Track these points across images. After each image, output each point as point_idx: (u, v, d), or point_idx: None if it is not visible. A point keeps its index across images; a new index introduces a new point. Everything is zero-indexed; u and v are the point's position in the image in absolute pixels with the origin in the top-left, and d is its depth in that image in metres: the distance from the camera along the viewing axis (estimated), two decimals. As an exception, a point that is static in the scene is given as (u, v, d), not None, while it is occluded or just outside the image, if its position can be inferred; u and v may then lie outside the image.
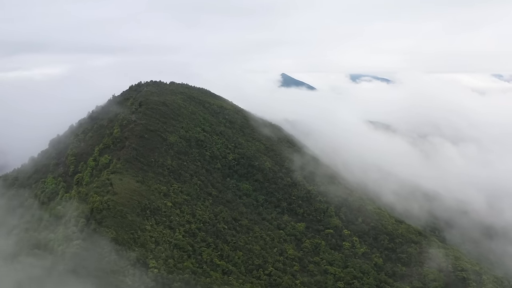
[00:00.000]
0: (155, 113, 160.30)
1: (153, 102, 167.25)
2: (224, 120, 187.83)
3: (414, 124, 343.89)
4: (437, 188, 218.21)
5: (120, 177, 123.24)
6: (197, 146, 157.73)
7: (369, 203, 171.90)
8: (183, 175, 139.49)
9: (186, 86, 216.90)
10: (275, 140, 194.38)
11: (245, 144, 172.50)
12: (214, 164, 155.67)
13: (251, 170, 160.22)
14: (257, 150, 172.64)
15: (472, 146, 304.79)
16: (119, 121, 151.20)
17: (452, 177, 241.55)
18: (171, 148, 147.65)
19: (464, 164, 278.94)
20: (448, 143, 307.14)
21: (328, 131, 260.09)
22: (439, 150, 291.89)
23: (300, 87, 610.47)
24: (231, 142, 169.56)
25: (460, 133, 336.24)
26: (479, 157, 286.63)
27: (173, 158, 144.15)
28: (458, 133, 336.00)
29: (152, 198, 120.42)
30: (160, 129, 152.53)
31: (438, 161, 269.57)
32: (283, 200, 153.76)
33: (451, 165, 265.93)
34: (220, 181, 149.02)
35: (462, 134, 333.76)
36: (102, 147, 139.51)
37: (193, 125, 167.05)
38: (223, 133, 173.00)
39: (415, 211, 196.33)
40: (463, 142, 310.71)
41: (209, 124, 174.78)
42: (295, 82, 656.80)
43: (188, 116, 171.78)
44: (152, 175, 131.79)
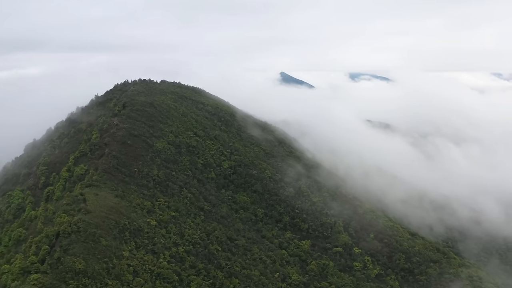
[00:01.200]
0: (141, 116, 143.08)
1: (139, 103, 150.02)
2: (219, 122, 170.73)
3: (414, 124, 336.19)
4: (445, 193, 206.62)
5: (96, 191, 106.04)
6: (188, 153, 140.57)
7: (380, 215, 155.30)
8: (171, 187, 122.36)
9: (178, 85, 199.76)
10: (275, 145, 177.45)
11: (243, 150, 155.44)
12: (207, 173, 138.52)
13: (249, 179, 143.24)
14: (256, 157, 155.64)
15: (475, 147, 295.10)
16: (99, 125, 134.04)
17: (460, 181, 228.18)
18: (158, 156, 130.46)
19: (470, 167, 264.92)
20: (450, 144, 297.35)
21: (328, 132, 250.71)
22: (442, 152, 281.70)
23: (299, 85, 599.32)
24: (226, 147, 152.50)
25: (461, 133, 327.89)
26: (484, 159, 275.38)
27: (159, 167, 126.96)
28: (459, 132, 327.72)
29: (133, 216, 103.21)
30: (146, 133, 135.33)
31: (443, 164, 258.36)
32: (285, 213, 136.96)
33: (457, 168, 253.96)
34: (213, 193, 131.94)
35: (463, 134, 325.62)
36: (78, 155, 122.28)
37: (184, 129, 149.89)
38: (218, 137, 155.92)
39: (425, 220, 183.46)
40: (465, 142, 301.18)
41: (202, 127, 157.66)
42: (294, 80, 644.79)
43: (178, 118, 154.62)
44: (134, 188, 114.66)
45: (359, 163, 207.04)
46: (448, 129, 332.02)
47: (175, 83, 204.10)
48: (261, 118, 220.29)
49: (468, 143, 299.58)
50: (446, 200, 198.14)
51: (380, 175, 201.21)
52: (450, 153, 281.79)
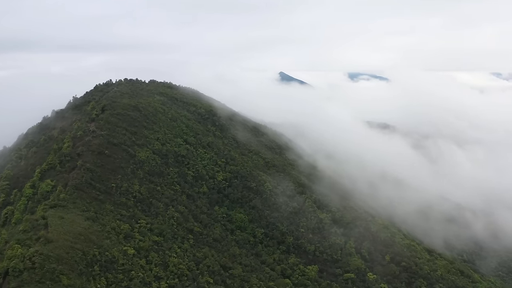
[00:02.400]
0: (122, 121, 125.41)
1: (121, 106, 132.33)
2: (213, 127, 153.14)
3: (414, 124, 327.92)
4: (456, 200, 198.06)
5: (62, 214, 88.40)
6: (176, 164, 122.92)
7: (395, 232, 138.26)
8: (154, 206, 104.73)
9: (169, 85, 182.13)
10: (277, 152, 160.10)
11: (240, 159, 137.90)
12: (199, 187, 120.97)
13: (247, 193, 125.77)
14: (254, 167, 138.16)
15: (479, 149, 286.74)
16: (72, 132, 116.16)
17: (469, 187, 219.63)
18: (141, 168, 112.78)
19: (477, 171, 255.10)
20: (453, 146, 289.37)
21: (327, 134, 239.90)
22: (446, 155, 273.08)
23: (298, 85, 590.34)
24: (221, 156, 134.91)
25: (463, 134, 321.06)
26: (490, 162, 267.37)
27: (142, 181, 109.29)
28: (460, 133, 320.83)
29: (106, 244, 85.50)
30: (127, 142, 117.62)
31: (448, 168, 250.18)
32: (288, 233, 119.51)
33: (464, 173, 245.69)
34: (205, 210, 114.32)
35: (465, 135, 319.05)
36: (45, 168, 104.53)
37: (173, 136, 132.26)
38: (211, 145, 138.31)
39: (438, 233, 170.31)
40: (468, 144, 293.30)
41: (193, 133, 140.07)
42: (293, 80, 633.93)
43: (166, 123, 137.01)
44: (110, 207, 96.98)
45: (363, 169, 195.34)
46: (449, 130, 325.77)
47: (165, 83, 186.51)
48: (260, 122, 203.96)
49: (471, 145, 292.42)
50: (457, 209, 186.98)
51: (386, 182, 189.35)
52: (454, 156, 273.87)
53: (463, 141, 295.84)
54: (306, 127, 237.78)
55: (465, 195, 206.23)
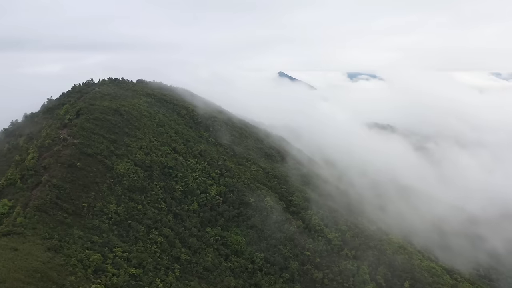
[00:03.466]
0: (100, 127, 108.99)
1: (100, 109, 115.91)
2: (207, 133, 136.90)
3: (414, 125, 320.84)
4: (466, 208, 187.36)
5: (17, 244, 72.42)
6: (162, 177, 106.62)
7: (412, 252, 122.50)
8: (134, 229, 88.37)
9: (159, 85, 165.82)
10: (278, 160, 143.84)
11: (236, 169, 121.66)
12: (188, 204, 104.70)
13: (245, 210, 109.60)
14: (253, 178, 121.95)
15: (483, 152, 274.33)
16: (39, 140, 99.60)
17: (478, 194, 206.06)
18: (119, 183, 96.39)
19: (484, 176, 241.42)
20: (455, 148, 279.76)
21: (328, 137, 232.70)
22: (450, 158, 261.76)
23: (297, 85, 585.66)
24: (215, 167, 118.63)
25: (464, 135, 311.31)
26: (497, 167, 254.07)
27: (120, 199, 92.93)
28: (461, 135, 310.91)
29: (69, 283, 69.02)
30: (104, 151, 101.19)
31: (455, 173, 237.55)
32: (292, 258, 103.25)
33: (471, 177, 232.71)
34: (195, 232, 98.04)
35: (466, 136, 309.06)
36: (4, 184, 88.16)
37: (159, 143, 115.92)
38: (204, 153, 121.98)
39: (453, 249, 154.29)
40: (470, 145, 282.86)
41: (184, 140, 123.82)
42: (292, 80, 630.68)
43: (152, 129, 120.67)
44: (79, 233, 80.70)
45: (368, 176, 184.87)
46: (450, 131, 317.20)
47: (155, 83, 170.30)
48: (259, 125, 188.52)
49: (474, 147, 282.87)
50: (470, 220, 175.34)
51: (393, 190, 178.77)
52: (458, 159, 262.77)
53: (464, 143, 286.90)
54: (306, 129, 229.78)
55: (476, 204, 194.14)
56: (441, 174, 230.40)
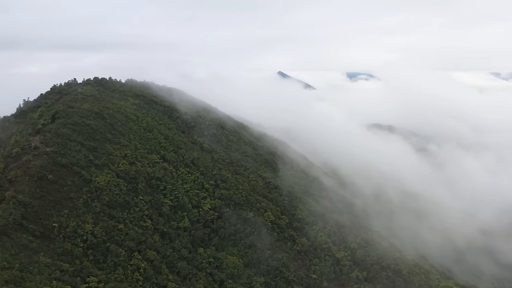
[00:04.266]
0: (78, 133, 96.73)
1: (80, 113, 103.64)
2: (201, 138, 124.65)
3: (414, 125, 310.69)
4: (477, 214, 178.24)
5: (-33, 277, 59.65)
6: (148, 190, 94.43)
7: (429, 271, 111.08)
8: (113, 253, 76.16)
9: (150, 85, 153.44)
10: (279, 168, 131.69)
11: (233, 179, 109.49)
12: (178, 220, 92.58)
13: (242, 227, 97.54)
14: (252, 190, 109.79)
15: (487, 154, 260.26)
16: (7, 149, 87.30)
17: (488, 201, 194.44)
18: (98, 198, 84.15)
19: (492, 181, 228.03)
20: (458, 150, 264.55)
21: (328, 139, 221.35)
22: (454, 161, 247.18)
23: (296, 86, 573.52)
24: (209, 177, 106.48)
25: (465, 136, 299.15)
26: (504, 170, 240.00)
27: (98, 217, 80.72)
28: (462, 135, 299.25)
29: (28, 325, 56.81)
30: (82, 161, 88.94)
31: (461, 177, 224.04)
32: (296, 281, 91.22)
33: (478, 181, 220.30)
34: (186, 255, 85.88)
35: (467, 137, 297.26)
36: (-39, 201, 75.46)
37: (146, 151, 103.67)
38: (197, 162, 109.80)
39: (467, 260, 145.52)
40: (472, 147, 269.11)
41: (174, 147, 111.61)
42: (291, 80, 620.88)
43: (139, 135, 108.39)
44: (46, 260, 68.56)
45: (372, 181, 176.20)
46: (451, 132, 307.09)
47: (146, 82, 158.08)
48: (258, 128, 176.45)
49: (476, 148, 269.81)
50: (483, 231, 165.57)
51: (400, 198, 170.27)
52: (463, 162, 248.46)
53: (466, 144, 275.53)
54: (304, 131, 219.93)
55: (487, 212, 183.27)
56: (446, 178, 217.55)
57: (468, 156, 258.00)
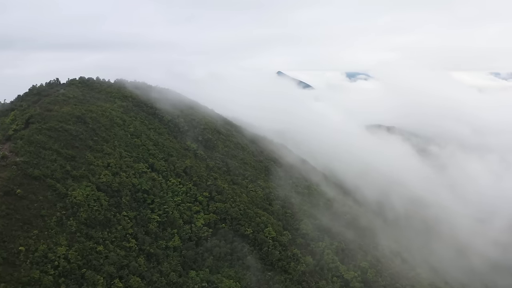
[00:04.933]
0: (55, 140, 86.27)
1: (58, 117, 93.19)
2: (195, 144, 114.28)
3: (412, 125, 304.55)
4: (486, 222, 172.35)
5: None
6: (134, 205, 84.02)
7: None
8: (89, 281, 65.76)
9: (140, 86, 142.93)
10: (280, 176, 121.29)
11: (230, 190, 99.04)
12: (167, 239, 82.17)
13: (240, 245, 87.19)
14: (251, 202, 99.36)
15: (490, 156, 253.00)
16: (-30, 159, 76.72)
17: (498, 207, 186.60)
18: (74, 215, 73.69)
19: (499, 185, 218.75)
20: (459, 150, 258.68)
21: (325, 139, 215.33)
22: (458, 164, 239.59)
23: (295, 86, 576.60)
24: (203, 188, 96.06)
25: (466, 137, 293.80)
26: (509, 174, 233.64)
27: (73, 238, 70.28)
28: (463, 136, 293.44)
29: None
30: (57, 172, 78.48)
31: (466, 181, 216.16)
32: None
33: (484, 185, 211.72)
34: (175, 279, 75.39)
35: (468, 138, 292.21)
36: None
37: (132, 160, 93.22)
38: (190, 171, 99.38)
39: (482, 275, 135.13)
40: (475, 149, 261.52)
41: (165, 154, 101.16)
42: (291, 80, 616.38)
43: (125, 141, 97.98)
44: (7, 293, 57.85)
45: (376, 186, 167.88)
46: (451, 132, 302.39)
47: (137, 83, 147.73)
48: (257, 131, 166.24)
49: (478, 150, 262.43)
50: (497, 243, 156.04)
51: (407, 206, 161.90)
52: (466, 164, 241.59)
53: (467, 144, 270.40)
54: (304, 133, 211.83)
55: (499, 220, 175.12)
56: (450, 181, 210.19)
57: (471, 158, 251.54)
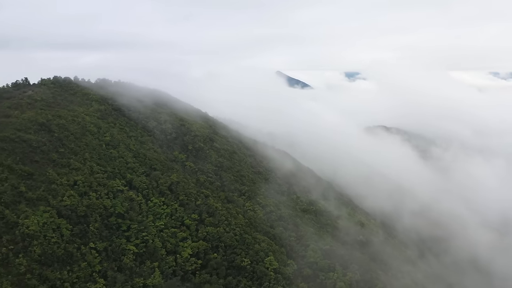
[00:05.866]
0: (8, 153, 71.33)
1: (16, 125, 78.07)
2: (184, 154, 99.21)
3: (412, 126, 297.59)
4: None
5: None
6: (104, 233, 68.78)
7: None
8: None
9: (124, 86, 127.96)
10: (282, 191, 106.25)
11: (224, 211, 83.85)
12: (145, 276, 66.94)
13: (235, 280, 71.95)
14: (249, 224, 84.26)
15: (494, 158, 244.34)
16: None
17: None
18: (26, 251, 58.63)
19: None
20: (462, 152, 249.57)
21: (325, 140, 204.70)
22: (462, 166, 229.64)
23: (295, 86, 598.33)
24: (192, 209, 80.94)
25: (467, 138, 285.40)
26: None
27: (21, 282, 55.22)
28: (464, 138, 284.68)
29: None
30: (6, 195, 63.57)
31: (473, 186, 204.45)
32: None
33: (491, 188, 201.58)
34: (154, 330, 59.98)
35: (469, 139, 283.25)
36: None
37: (106, 176, 77.95)
38: (175, 188, 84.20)
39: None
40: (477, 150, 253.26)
41: (146, 167, 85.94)
42: (290, 80, 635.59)
43: (97, 152, 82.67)
44: None
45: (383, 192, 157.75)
46: (451, 132, 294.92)
47: (122, 83, 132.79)
48: (256, 136, 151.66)
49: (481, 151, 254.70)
50: None
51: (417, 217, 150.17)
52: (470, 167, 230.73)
53: (469, 146, 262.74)
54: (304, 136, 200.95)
55: None
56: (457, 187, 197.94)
57: (475, 161, 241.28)
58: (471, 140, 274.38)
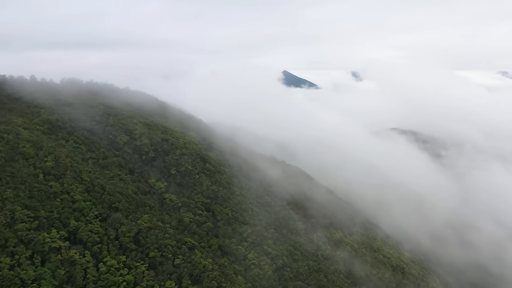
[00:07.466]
0: None
1: None
2: (162, 183, 72.84)
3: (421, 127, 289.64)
4: None
5: None
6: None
7: None
8: None
9: (98, 88, 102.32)
10: (306, 230, 79.59)
11: (218, 274, 57.41)
12: None
13: None
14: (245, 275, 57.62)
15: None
16: None
17: None
18: None
19: None
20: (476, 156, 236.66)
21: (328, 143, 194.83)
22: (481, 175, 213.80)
23: (301, 86, 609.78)
24: (167, 272, 54.59)
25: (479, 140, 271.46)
26: None
27: None
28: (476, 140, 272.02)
29: None
30: None
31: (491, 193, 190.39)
32: None
33: None
34: None
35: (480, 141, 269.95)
36: None
37: (36, 225, 51.71)
38: (143, 239, 57.88)
39: None
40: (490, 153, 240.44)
41: (103, 208, 59.67)
42: (297, 80, 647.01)
43: (31, 187, 56.61)
44: None
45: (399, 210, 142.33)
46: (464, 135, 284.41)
47: (95, 83, 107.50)
48: (262, 149, 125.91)
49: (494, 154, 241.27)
50: None
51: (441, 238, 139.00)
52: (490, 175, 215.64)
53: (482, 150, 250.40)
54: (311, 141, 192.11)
55: None
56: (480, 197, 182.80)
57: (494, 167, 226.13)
58: (483, 142, 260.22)
